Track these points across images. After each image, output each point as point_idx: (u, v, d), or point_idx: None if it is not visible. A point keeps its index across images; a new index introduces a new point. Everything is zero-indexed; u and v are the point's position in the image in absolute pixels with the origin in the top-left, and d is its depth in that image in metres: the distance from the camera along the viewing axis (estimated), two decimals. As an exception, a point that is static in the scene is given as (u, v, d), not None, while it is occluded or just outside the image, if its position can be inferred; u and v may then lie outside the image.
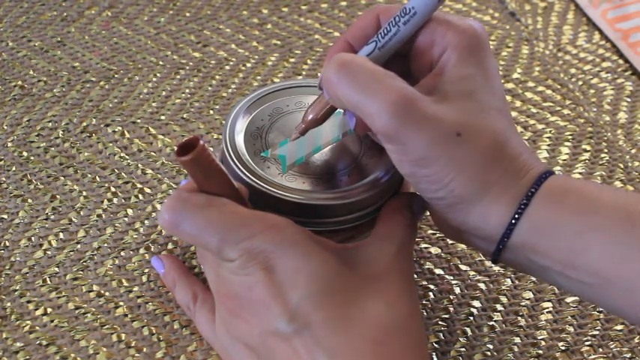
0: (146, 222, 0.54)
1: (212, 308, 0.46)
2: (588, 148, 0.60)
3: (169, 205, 0.41)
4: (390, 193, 0.48)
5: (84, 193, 0.55)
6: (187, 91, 0.63)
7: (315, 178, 0.46)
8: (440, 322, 0.50)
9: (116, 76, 0.64)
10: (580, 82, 0.65)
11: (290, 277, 0.40)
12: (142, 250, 0.52)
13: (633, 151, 0.60)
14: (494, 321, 0.50)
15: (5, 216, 0.54)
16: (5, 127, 0.60)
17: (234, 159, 0.46)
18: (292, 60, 0.66)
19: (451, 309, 0.50)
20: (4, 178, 0.56)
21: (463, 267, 0.52)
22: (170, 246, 0.53)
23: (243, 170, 0.45)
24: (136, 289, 0.50)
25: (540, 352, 0.48)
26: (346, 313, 0.40)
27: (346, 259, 0.42)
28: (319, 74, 0.45)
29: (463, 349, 0.48)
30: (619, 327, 0.50)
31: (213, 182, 0.42)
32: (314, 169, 0.47)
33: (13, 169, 0.57)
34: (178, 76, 0.64)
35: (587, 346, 0.49)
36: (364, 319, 0.40)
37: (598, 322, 0.50)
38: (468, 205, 0.41)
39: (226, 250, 0.41)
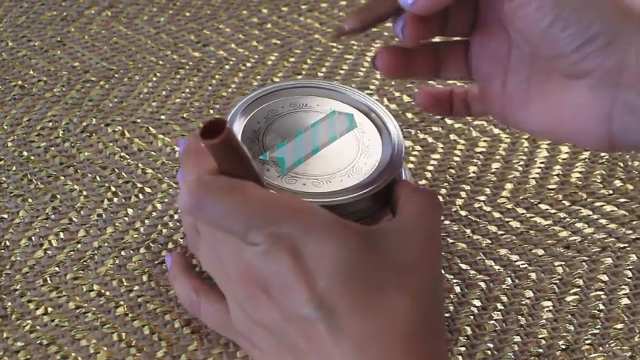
0: (146, 221, 0.54)
1: (218, 298, 0.45)
2: (588, 147, 0.60)
3: (190, 188, 0.40)
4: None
5: (84, 193, 0.55)
6: (187, 90, 0.63)
7: (315, 179, 0.46)
8: (440, 321, 0.50)
9: (116, 75, 0.64)
10: (580, 81, 0.65)
11: (316, 262, 0.39)
12: (142, 250, 0.52)
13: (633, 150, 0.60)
14: (495, 320, 0.50)
15: (5, 216, 0.54)
16: (5, 127, 0.60)
17: None
18: (292, 60, 0.66)
19: (451, 308, 0.50)
20: (4, 178, 0.56)
21: (463, 266, 0.52)
22: (170, 245, 0.53)
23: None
24: (136, 288, 0.50)
25: (541, 350, 0.48)
26: (372, 301, 0.39)
27: (373, 244, 0.41)
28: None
29: (463, 348, 0.48)
30: (619, 326, 0.50)
31: (237, 165, 0.41)
32: (313, 170, 0.47)
33: (14, 168, 0.57)
34: (178, 76, 0.64)
35: (588, 344, 0.49)
36: (389, 309, 0.40)
37: (598, 320, 0.50)
38: (625, 39, 0.38)
39: (252, 235, 0.40)
